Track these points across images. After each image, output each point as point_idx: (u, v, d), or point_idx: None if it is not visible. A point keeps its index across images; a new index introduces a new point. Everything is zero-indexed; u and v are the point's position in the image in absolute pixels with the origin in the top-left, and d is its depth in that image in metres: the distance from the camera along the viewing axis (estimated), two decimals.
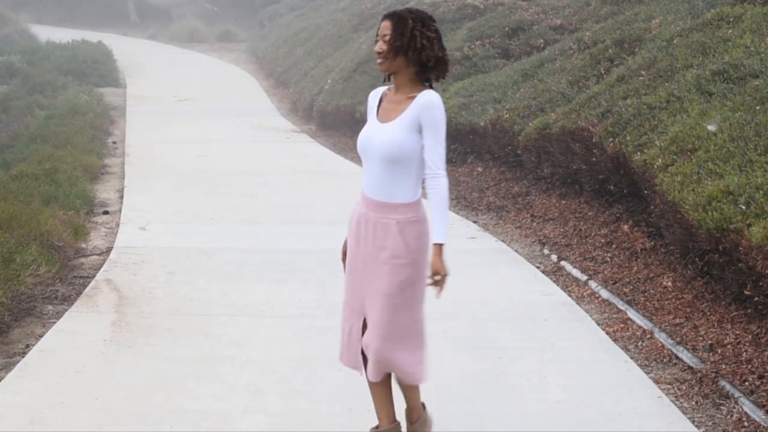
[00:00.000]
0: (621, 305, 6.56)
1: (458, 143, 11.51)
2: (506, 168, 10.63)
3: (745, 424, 4.77)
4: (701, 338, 5.79)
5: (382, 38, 4.09)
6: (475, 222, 9.14)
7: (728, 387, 5.11)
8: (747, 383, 5.13)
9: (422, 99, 4.04)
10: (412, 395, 4.30)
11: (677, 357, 5.65)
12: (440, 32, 4.14)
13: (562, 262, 7.67)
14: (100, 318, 6.32)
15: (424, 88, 4.10)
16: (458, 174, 11.02)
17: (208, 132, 14.85)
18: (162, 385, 5.23)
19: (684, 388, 5.27)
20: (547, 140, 9.25)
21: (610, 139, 7.96)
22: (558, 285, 7.17)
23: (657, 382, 5.34)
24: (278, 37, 24.77)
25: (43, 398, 5.03)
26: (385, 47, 4.07)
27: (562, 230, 8.45)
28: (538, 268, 7.62)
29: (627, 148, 7.60)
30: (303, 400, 5.04)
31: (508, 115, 10.39)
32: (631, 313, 6.37)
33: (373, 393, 4.29)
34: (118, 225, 9.00)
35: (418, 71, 4.09)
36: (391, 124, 4.06)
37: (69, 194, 9.35)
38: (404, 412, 4.35)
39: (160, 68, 23.54)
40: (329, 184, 10.81)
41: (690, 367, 5.48)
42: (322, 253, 7.82)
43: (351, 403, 4.90)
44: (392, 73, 4.12)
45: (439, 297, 4.07)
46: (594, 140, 8.26)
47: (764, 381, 5.10)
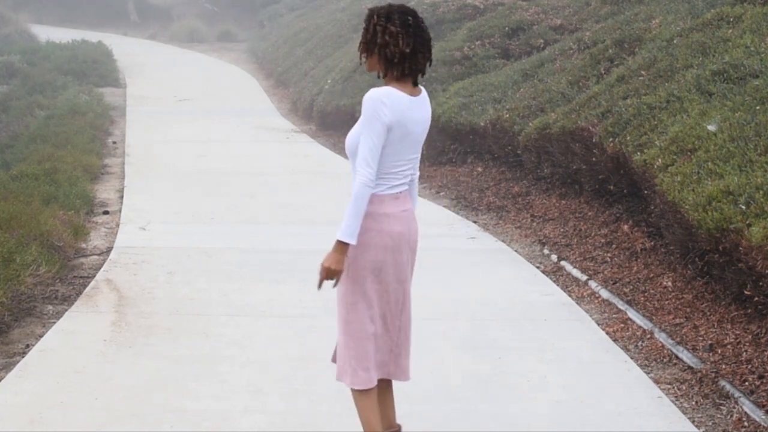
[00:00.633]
0: (621, 305, 6.56)
1: (458, 143, 11.51)
2: (506, 168, 10.62)
3: (745, 424, 4.77)
4: (701, 338, 5.79)
5: None
6: (475, 222, 9.14)
7: (728, 387, 5.11)
8: (747, 383, 5.13)
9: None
10: (356, 405, 4.14)
11: (677, 357, 5.65)
12: (414, 26, 3.93)
13: (562, 262, 7.67)
14: (100, 318, 6.31)
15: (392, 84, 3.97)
16: (458, 174, 11.02)
17: (208, 132, 14.85)
18: (162, 385, 5.23)
19: (684, 388, 5.27)
20: (547, 140, 9.25)
21: (610, 139, 7.96)
22: (558, 285, 7.17)
23: (657, 382, 5.34)
24: (278, 37, 24.76)
25: (43, 398, 5.03)
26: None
27: (562, 230, 8.45)
28: (538, 268, 7.62)
29: (627, 148, 7.59)
30: (303, 400, 5.04)
31: (508, 115, 10.39)
32: (631, 313, 6.37)
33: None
34: (118, 225, 9.00)
35: (387, 68, 3.96)
36: None
37: (69, 194, 9.35)
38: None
39: (160, 68, 23.54)
40: (329, 184, 10.81)
41: (690, 367, 5.48)
42: (322, 253, 7.75)
43: (351, 403, 4.89)
44: (379, 74, 4.02)
45: (319, 290, 4.06)
46: (594, 140, 8.26)
47: (764, 381, 5.10)
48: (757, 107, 6.78)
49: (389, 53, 3.93)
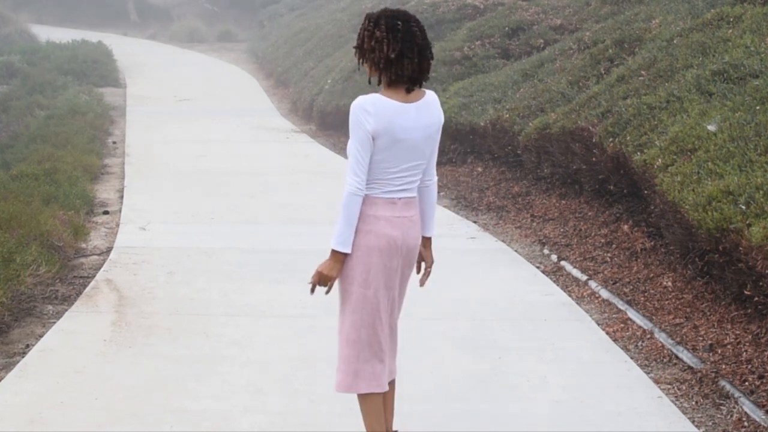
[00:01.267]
0: (621, 305, 6.56)
1: (458, 143, 11.51)
2: (506, 168, 10.62)
3: (745, 424, 4.77)
4: (701, 338, 5.79)
5: None
6: (475, 222, 9.14)
7: (728, 387, 5.11)
8: (747, 383, 5.13)
9: None
10: (360, 408, 4.14)
11: (677, 357, 5.65)
12: (404, 31, 3.85)
13: (562, 262, 7.67)
14: (100, 318, 6.31)
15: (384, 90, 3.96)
16: (458, 174, 11.02)
17: (208, 132, 14.85)
18: (162, 385, 5.23)
19: (684, 388, 5.27)
20: (547, 140, 9.25)
21: (610, 139, 7.96)
22: (558, 285, 7.17)
23: (657, 382, 5.34)
24: (278, 37, 24.76)
25: (43, 398, 5.03)
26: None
27: (562, 230, 8.45)
28: (538, 268, 7.62)
29: (627, 148, 7.60)
30: (303, 400, 5.04)
31: (508, 115, 10.39)
32: (631, 313, 6.37)
33: None
34: (118, 225, 9.00)
35: (378, 73, 3.93)
36: None
37: (69, 194, 9.35)
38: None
39: (160, 68, 23.54)
40: (329, 184, 10.80)
41: (690, 367, 5.48)
42: (322, 253, 7.75)
43: (351, 403, 4.88)
44: (370, 79, 4.00)
45: (312, 294, 4.09)
46: (594, 140, 8.26)
47: (764, 381, 5.10)
48: (757, 107, 6.78)
49: (375, 58, 3.91)
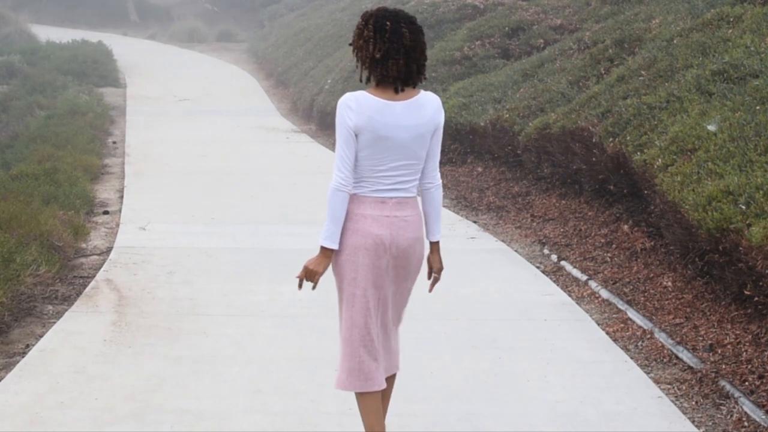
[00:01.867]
0: (621, 305, 6.56)
1: (458, 143, 11.51)
2: (506, 168, 10.63)
3: (745, 424, 4.77)
4: (701, 338, 5.79)
5: None
6: (475, 222, 9.14)
7: (728, 387, 5.11)
8: (747, 383, 5.13)
9: None
10: (359, 409, 4.14)
11: (677, 357, 5.65)
12: (392, 32, 3.85)
13: (562, 262, 7.67)
14: (100, 318, 6.32)
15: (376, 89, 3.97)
16: (458, 174, 11.02)
17: (208, 132, 14.86)
18: (162, 385, 5.23)
19: (684, 388, 5.27)
20: (547, 140, 9.25)
21: (610, 139, 7.96)
22: (558, 285, 7.17)
23: (657, 382, 5.34)
24: (278, 37, 24.77)
25: (43, 398, 5.03)
26: None
27: (562, 230, 8.46)
28: (538, 268, 7.62)
29: (627, 148, 7.60)
30: (303, 400, 5.04)
31: (508, 115, 10.39)
32: (631, 313, 6.37)
33: None
34: (118, 225, 9.00)
35: (369, 72, 3.95)
36: None
37: (69, 194, 9.35)
38: None
39: (160, 68, 23.55)
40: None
41: (690, 367, 5.48)
42: None
43: (351, 403, 4.89)
44: (361, 77, 4.01)
45: (299, 290, 4.18)
46: (594, 140, 8.26)
47: (764, 381, 5.10)
48: (757, 107, 6.78)
49: (362, 57, 3.95)
